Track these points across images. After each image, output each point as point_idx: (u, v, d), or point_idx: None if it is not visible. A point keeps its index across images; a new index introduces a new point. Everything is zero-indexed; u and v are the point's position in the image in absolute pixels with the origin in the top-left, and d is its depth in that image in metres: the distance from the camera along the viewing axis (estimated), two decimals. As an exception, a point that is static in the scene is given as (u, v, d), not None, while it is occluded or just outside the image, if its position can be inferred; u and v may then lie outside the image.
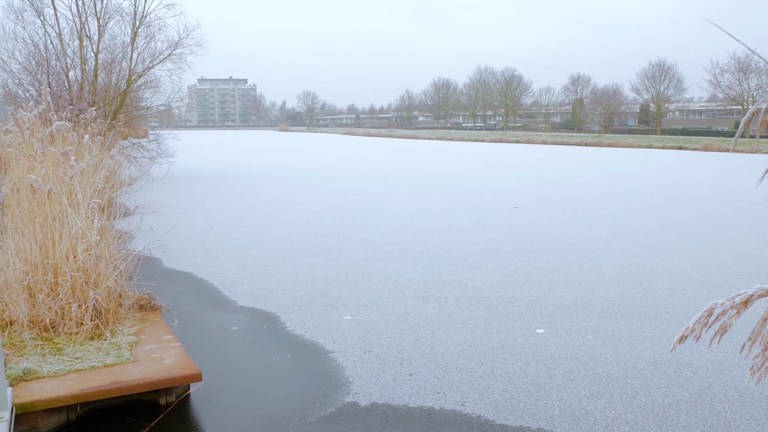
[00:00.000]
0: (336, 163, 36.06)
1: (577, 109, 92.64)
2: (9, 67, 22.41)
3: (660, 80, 78.90)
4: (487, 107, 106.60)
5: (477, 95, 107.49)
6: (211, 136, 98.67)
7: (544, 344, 6.56)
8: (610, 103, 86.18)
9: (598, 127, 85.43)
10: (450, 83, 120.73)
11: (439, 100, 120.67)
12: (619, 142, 61.75)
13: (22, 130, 7.20)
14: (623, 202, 18.17)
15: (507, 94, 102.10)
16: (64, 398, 4.79)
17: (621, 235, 12.73)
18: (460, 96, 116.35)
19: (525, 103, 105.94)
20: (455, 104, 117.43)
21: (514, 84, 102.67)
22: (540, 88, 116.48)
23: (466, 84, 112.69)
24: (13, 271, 6.28)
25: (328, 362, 6.13)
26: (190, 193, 20.46)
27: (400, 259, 10.51)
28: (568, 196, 19.45)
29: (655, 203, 17.83)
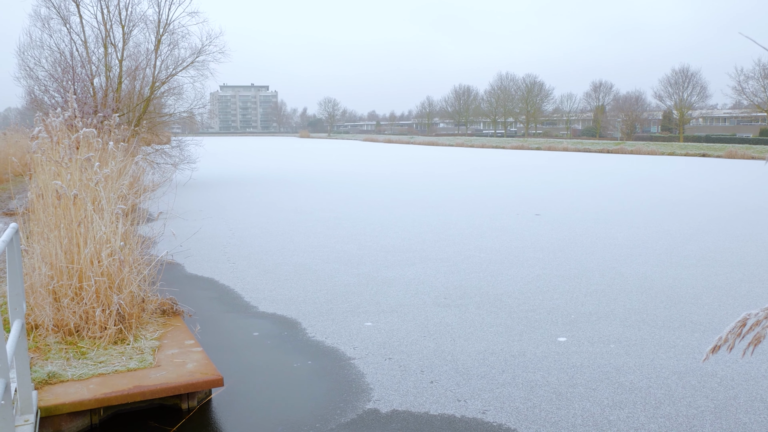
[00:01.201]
0: (356, 170, 36.14)
1: (598, 115, 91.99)
2: (36, 74, 22.78)
3: (683, 87, 78.16)
4: (508, 114, 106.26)
5: (498, 102, 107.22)
6: (233, 143, 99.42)
7: (566, 353, 6.50)
8: (632, 109, 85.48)
9: (620, 134, 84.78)
10: (471, 90, 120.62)
11: (459, 106, 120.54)
12: (641, 149, 61.20)
13: (51, 136, 7.31)
14: (646, 209, 17.99)
15: (528, 101, 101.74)
16: (87, 402, 4.83)
17: (644, 242, 12.60)
18: (480, 103, 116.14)
19: (546, 109, 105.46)
20: (476, 111, 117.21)
21: (535, 90, 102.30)
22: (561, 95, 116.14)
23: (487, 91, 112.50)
24: (38, 276, 6.36)
25: (349, 369, 6.13)
26: (211, 199, 20.62)
27: (420, 266, 10.49)
28: (589, 204, 19.31)
29: (679, 211, 17.64)
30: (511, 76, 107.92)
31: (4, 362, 3.08)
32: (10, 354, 3.32)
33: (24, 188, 18.31)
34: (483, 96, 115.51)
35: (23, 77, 22.79)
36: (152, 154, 25.35)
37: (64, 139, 7.11)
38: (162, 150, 26.58)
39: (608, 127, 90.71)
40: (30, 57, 22.75)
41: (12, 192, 19.50)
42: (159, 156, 25.76)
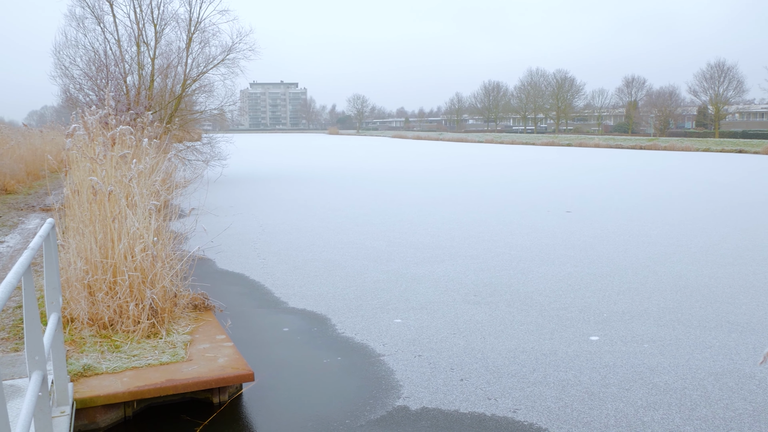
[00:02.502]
0: (385, 166, 36.15)
1: (631, 111, 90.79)
2: (71, 72, 23.16)
3: (719, 81, 76.72)
4: (538, 110, 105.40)
5: (528, 98, 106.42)
6: (263, 140, 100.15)
7: (599, 352, 6.42)
8: (666, 105, 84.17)
9: (654, 129, 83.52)
10: (500, 86, 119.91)
11: (489, 102, 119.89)
12: (675, 146, 60.25)
13: (89, 133, 7.42)
14: (680, 206, 17.69)
15: (559, 97, 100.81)
16: (121, 395, 4.90)
17: (678, 240, 12.39)
18: (510, 99, 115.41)
19: (577, 105, 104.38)
20: (505, 107, 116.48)
21: (566, 86, 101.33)
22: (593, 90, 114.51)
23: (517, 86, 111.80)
24: (74, 270, 6.46)
25: (379, 365, 6.13)
26: (242, 196, 20.79)
27: (450, 263, 10.45)
28: (622, 200, 19.05)
29: (714, 208, 17.31)
30: (542, 72, 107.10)
31: (42, 355, 3.13)
32: (47, 347, 3.37)
33: (60, 184, 18.66)
34: (513, 92, 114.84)
35: (59, 76, 23.20)
36: (184, 150, 25.64)
37: (99, 137, 7.21)
38: (193, 147, 26.87)
39: (641, 123, 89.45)
40: (65, 56, 23.15)
41: (48, 188, 19.89)
42: (190, 153, 26.04)
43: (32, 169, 23.83)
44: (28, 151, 25.01)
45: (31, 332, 3.12)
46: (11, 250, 10.34)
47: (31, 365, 3.11)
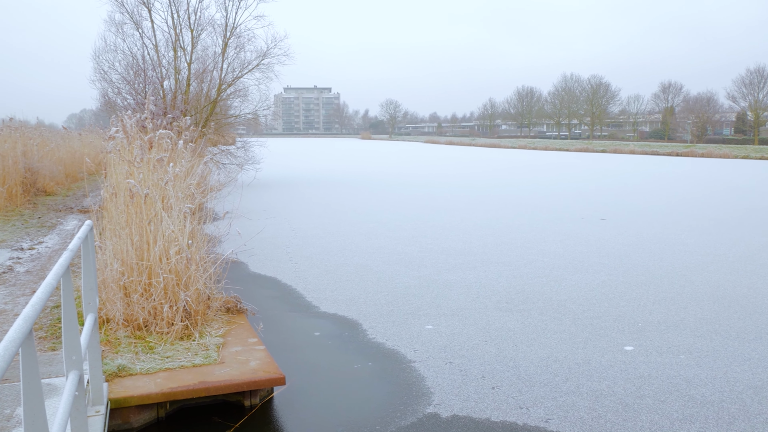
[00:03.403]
0: (417, 172, 36.12)
1: (667, 117, 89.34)
2: (109, 77, 23.59)
3: (759, 87, 75.11)
4: (573, 116, 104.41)
5: (562, 103, 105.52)
6: (296, 144, 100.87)
7: (633, 362, 6.31)
8: (703, 111, 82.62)
9: (691, 136, 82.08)
10: (534, 91, 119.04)
11: (522, 108, 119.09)
12: (713, 152, 59.14)
13: (128, 137, 7.55)
14: (719, 215, 17.34)
15: (593, 102, 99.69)
16: (155, 395, 4.96)
17: (716, 250, 12.14)
18: (544, 104, 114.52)
19: (612, 111, 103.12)
20: (539, 113, 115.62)
21: (600, 92, 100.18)
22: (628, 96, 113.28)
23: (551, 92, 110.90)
24: (110, 272, 6.57)
25: (409, 371, 6.11)
26: (275, 199, 20.95)
27: (482, 270, 10.38)
28: (658, 208, 18.74)
29: (755, 217, 16.93)
30: (576, 77, 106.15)
31: (79, 355, 3.18)
32: (84, 346, 3.43)
33: (97, 187, 19.02)
34: (546, 97, 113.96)
35: (98, 80, 23.64)
36: (218, 154, 25.93)
37: (136, 140, 7.33)
38: (227, 151, 27.15)
39: (677, 129, 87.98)
40: (104, 60, 23.58)
41: (86, 190, 20.28)
42: (224, 156, 26.33)
43: (71, 171, 24.34)
44: (67, 153, 25.56)
45: (68, 332, 3.17)
46: (49, 251, 10.55)
47: (68, 365, 3.16)
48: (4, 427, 3.97)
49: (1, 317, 6.74)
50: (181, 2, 24.57)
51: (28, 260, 9.79)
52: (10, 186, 15.48)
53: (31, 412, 2.08)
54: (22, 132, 20.08)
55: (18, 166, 16.42)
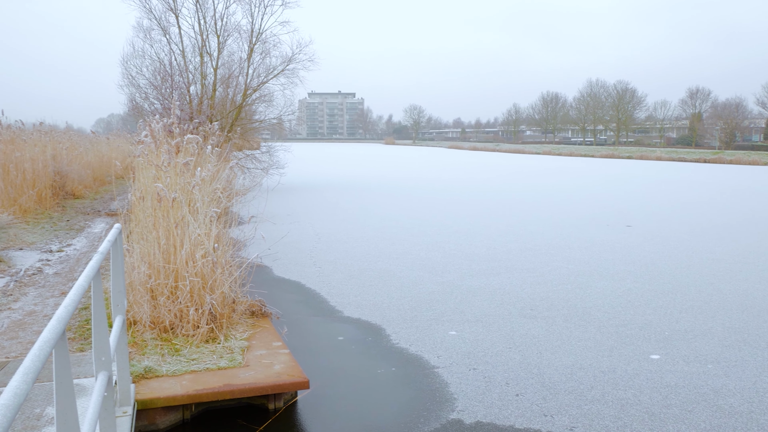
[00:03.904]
0: (441, 177, 36.07)
1: (695, 123, 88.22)
2: (137, 82, 23.92)
3: (789, 93, 73.83)
4: (598, 121, 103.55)
5: (587, 109, 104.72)
6: (320, 149, 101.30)
7: (660, 371, 6.23)
8: (732, 117, 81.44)
9: (719, 142, 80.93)
10: (559, 97, 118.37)
11: (547, 113, 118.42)
12: (741, 159, 58.22)
13: (156, 141, 7.65)
14: (747, 223, 17.07)
15: (619, 108, 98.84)
16: (180, 397, 5.01)
17: (745, 258, 11.95)
18: (569, 110, 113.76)
19: (638, 117, 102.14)
20: (564, 118, 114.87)
21: (626, 97, 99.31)
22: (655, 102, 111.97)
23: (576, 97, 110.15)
24: (137, 274, 6.65)
25: (433, 377, 6.10)
26: (299, 204, 21.05)
27: (506, 276, 10.33)
28: (685, 215, 18.51)
29: (783, 225, 16.63)
30: (602, 83, 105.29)
31: (108, 356, 3.23)
32: (112, 348, 3.48)
33: (124, 190, 19.28)
34: (572, 103, 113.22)
35: (126, 85, 23.99)
36: (243, 159, 26.13)
37: (164, 144, 7.43)
38: (252, 155, 27.35)
39: (705, 135, 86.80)
40: (132, 66, 23.93)
41: (113, 194, 20.56)
42: (249, 161, 26.53)
43: (98, 175, 24.70)
44: (95, 157, 25.95)
45: (98, 334, 3.22)
46: (78, 253, 10.72)
47: (97, 365, 3.21)
48: (34, 426, 4.04)
49: (31, 318, 6.86)
50: (207, 8, 24.87)
51: (57, 262, 9.95)
52: (40, 189, 15.75)
53: (63, 412, 2.12)
54: (51, 136, 20.43)
55: (47, 170, 16.70)
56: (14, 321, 6.73)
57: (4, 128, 16.55)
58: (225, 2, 25.32)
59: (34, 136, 18.12)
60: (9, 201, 14.15)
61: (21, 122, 18.99)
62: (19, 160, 15.22)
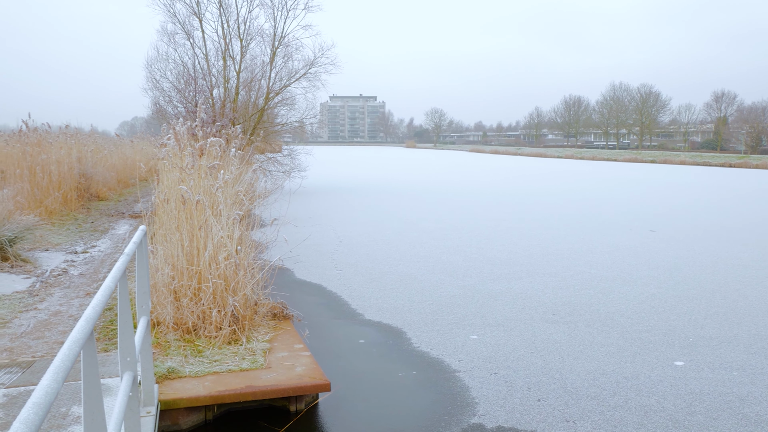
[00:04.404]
0: (462, 181, 35.99)
1: (720, 127, 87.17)
2: (161, 85, 24.16)
3: (817, 97, 72.61)
4: (621, 125, 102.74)
5: (610, 113, 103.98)
6: (341, 152, 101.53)
7: (684, 378, 6.16)
8: (758, 121, 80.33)
9: (744, 147, 79.87)
10: (581, 100, 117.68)
11: (569, 117, 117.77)
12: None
13: (180, 144, 7.73)
14: (773, 228, 16.80)
15: (643, 112, 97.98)
16: (203, 398, 5.05)
17: (771, 264, 11.77)
18: (591, 113, 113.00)
19: (662, 121, 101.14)
20: (586, 122, 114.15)
21: (650, 101, 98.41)
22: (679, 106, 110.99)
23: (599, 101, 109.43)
24: (161, 276, 6.72)
25: (454, 381, 6.08)
26: (320, 207, 21.12)
27: (527, 280, 10.28)
28: (710, 221, 18.28)
29: (811, 231, 16.35)
30: (625, 86, 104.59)
31: (133, 356, 3.27)
32: (137, 348, 3.52)
33: (147, 192, 19.48)
34: (594, 106, 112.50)
35: (150, 88, 24.23)
36: (265, 162, 26.27)
37: (187, 147, 7.50)
38: (274, 158, 27.50)
39: (730, 139, 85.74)
40: (156, 69, 24.17)
41: (137, 196, 20.78)
42: (271, 164, 26.67)
43: (122, 177, 24.99)
44: (119, 160, 26.26)
45: (124, 334, 3.26)
46: (102, 254, 10.85)
47: (123, 366, 3.25)
48: (60, 425, 4.09)
49: (57, 318, 6.95)
50: (231, 12, 25.08)
51: (82, 263, 10.08)
52: (66, 191, 15.97)
53: (91, 411, 2.15)
54: (77, 139, 20.70)
55: (73, 172, 16.93)
56: (40, 321, 6.83)
57: (31, 131, 16.80)
58: (248, 6, 25.50)
59: (60, 139, 18.38)
60: (35, 202, 14.36)
61: (48, 125, 19.28)
62: (45, 163, 15.44)
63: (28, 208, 13.38)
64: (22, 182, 14.53)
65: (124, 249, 7.11)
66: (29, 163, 15.20)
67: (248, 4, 25.43)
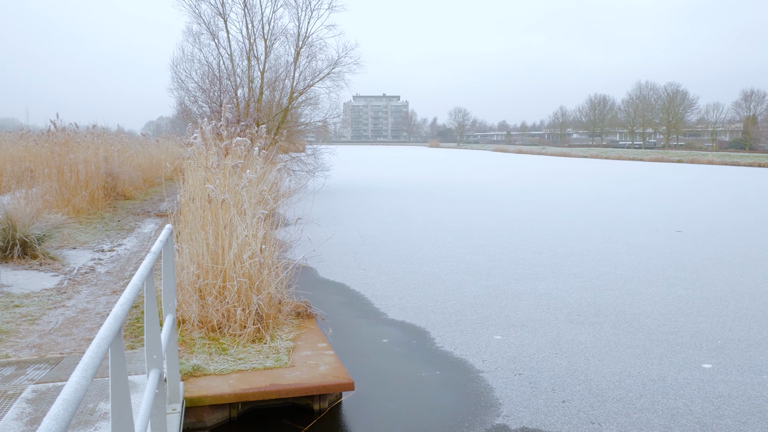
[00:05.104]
0: (486, 180, 35.84)
1: (749, 126, 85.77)
2: (186, 85, 24.36)
3: None
4: (647, 124, 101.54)
5: (636, 112, 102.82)
6: (364, 151, 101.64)
7: (712, 381, 6.07)
8: (788, 120, 78.90)
9: (774, 146, 78.48)
10: (607, 99, 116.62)
11: (594, 116, 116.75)
12: (798, 164, 56.33)
13: (206, 143, 7.79)
14: (804, 229, 16.49)
15: (669, 111, 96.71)
16: (228, 396, 5.08)
17: (802, 265, 11.55)
18: (617, 113, 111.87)
19: (689, 120, 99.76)
20: (612, 121, 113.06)
21: (677, 100, 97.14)
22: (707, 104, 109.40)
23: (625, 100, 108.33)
24: (186, 274, 6.78)
25: (478, 381, 6.05)
26: (343, 206, 21.17)
27: (552, 281, 10.20)
28: (738, 221, 17.99)
29: (843, 232, 16.03)
30: (651, 85, 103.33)
31: (159, 354, 3.29)
32: (164, 346, 3.55)
33: (173, 191, 19.67)
34: (620, 106, 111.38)
35: (175, 88, 24.44)
36: (289, 161, 26.39)
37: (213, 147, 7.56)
38: (298, 158, 27.61)
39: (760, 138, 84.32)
40: (182, 70, 24.37)
41: (163, 195, 20.99)
42: (295, 163, 26.78)
43: (148, 176, 25.25)
44: (145, 159, 26.54)
45: (150, 332, 3.29)
46: (128, 253, 10.97)
47: (149, 363, 3.27)
48: (87, 421, 4.14)
49: (84, 315, 7.04)
50: (255, 13, 25.20)
51: (109, 261, 10.20)
52: (93, 190, 16.18)
53: (118, 408, 2.17)
54: (104, 138, 20.96)
55: (100, 172, 17.15)
56: (68, 318, 6.93)
57: (59, 131, 17.05)
58: (272, 6, 25.61)
59: (87, 139, 18.62)
60: (63, 201, 14.57)
61: (75, 125, 19.55)
62: (73, 162, 15.66)
63: (56, 206, 13.58)
64: (51, 181, 14.75)
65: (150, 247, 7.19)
66: (57, 162, 15.42)
67: (272, 5, 25.57)
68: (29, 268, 9.24)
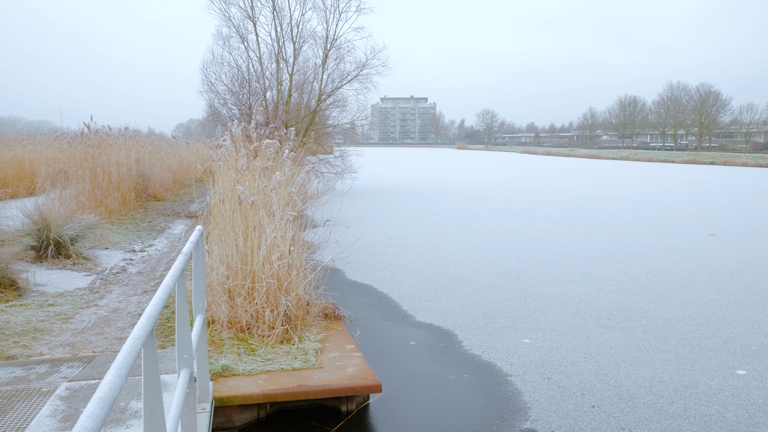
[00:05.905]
0: (515, 183, 35.63)
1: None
2: (216, 88, 24.62)
3: None
4: (679, 126, 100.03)
5: (667, 113, 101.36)
6: (392, 153, 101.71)
7: (746, 387, 5.95)
8: (825, 121, 77.17)
9: (810, 148, 76.80)
10: (637, 101, 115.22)
11: (624, 118, 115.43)
12: (835, 166, 55.04)
13: (236, 146, 7.86)
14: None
15: (702, 112, 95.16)
16: (256, 396, 5.12)
17: (839, 270, 11.28)
18: (648, 114, 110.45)
19: (722, 121, 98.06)
20: (642, 123, 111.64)
21: (710, 101, 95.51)
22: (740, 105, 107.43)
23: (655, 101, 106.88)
24: (216, 275, 6.84)
25: (506, 385, 6.02)
26: (371, 208, 21.20)
27: (581, 284, 10.10)
28: (773, 225, 17.62)
29: None
30: (683, 86, 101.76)
31: (190, 354, 3.33)
32: (194, 346, 3.59)
33: (202, 193, 19.88)
34: (651, 107, 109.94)
35: (205, 91, 24.72)
36: (317, 163, 26.52)
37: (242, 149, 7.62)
38: (326, 160, 27.73)
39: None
40: (212, 73, 24.64)
41: (193, 196, 21.23)
42: (323, 165, 26.91)
43: (178, 178, 25.55)
44: (175, 161, 26.86)
45: (181, 332, 3.33)
46: (159, 253, 11.11)
47: (180, 363, 3.31)
48: (119, 419, 4.20)
49: (116, 314, 7.15)
50: (284, 16, 25.39)
51: (140, 261, 10.35)
52: (124, 191, 16.42)
53: (150, 406, 2.20)
54: (135, 140, 21.26)
55: (131, 173, 17.40)
56: (100, 317, 7.04)
57: (92, 133, 17.34)
58: (301, 9, 25.80)
59: (119, 141, 18.89)
60: (96, 202, 14.81)
61: (108, 127, 19.86)
62: (105, 164, 15.91)
63: (89, 207, 13.81)
64: (84, 183, 15.00)
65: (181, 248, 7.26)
66: (90, 164, 15.68)
67: (301, 7, 25.73)
68: (63, 268, 9.41)
